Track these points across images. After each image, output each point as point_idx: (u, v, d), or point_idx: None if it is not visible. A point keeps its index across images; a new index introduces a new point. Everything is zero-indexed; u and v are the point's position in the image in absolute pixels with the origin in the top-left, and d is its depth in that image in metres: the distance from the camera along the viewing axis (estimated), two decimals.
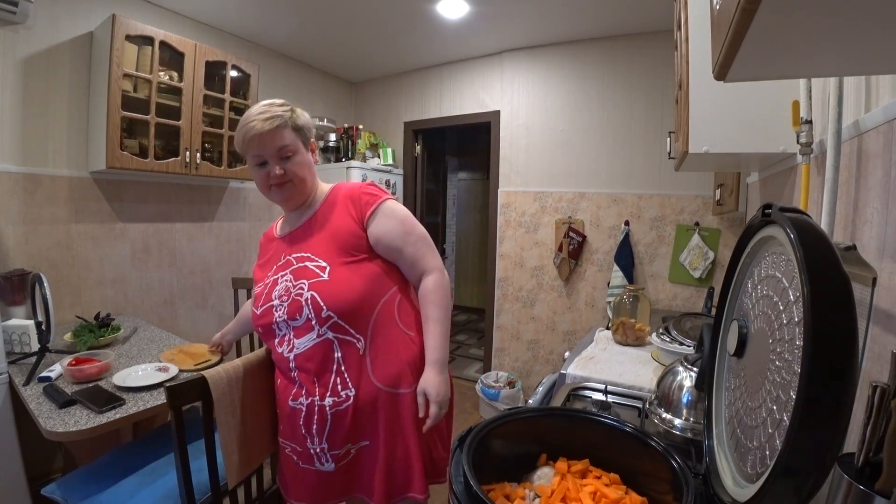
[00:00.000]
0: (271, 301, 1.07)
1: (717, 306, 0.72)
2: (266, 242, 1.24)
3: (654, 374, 1.46)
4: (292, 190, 1.11)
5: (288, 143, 1.08)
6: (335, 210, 1.13)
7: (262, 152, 1.07)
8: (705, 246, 2.74)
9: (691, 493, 0.45)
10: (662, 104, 2.85)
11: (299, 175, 1.10)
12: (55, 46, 2.22)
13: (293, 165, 1.09)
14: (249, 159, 1.10)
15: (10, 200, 2.11)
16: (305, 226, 1.14)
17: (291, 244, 1.13)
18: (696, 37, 1.23)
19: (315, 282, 1.04)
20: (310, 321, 1.03)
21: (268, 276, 1.12)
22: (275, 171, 1.07)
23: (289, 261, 1.10)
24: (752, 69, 0.53)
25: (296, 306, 1.04)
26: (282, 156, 1.08)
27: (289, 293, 1.05)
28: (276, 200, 1.13)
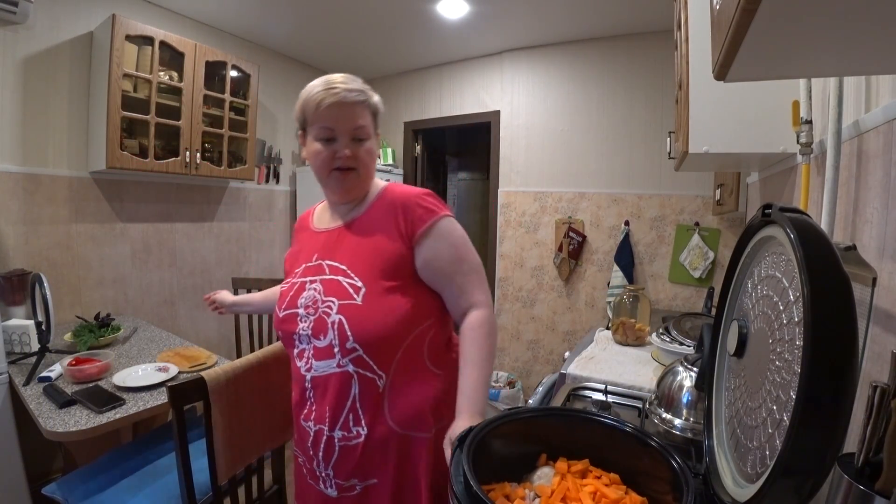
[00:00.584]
0: (296, 308, 0.94)
1: (717, 306, 0.72)
2: (300, 230, 1.11)
3: (654, 374, 1.46)
4: (355, 180, 0.96)
5: (366, 125, 0.94)
6: (385, 218, 0.97)
7: (336, 126, 0.92)
8: (705, 246, 2.74)
9: (691, 493, 0.45)
10: (662, 104, 2.85)
11: (366, 164, 0.96)
12: (55, 46, 2.22)
13: (364, 152, 0.95)
14: (315, 131, 0.94)
15: (10, 200, 2.11)
16: (349, 227, 0.99)
17: (328, 246, 0.98)
18: (696, 37, 1.23)
19: (346, 304, 0.89)
20: (332, 347, 0.89)
21: (295, 273, 1.00)
22: (344, 151, 0.92)
23: (321, 266, 0.96)
24: (752, 69, 0.53)
25: (321, 325, 0.90)
26: (356, 136, 0.94)
27: (315, 306, 0.92)
28: (331, 187, 0.98)
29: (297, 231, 1.12)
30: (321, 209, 1.09)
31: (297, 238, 1.09)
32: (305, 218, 1.11)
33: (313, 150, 0.94)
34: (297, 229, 1.12)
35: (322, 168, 0.95)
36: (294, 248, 1.08)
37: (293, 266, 1.02)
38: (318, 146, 0.93)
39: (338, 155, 0.93)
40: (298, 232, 1.11)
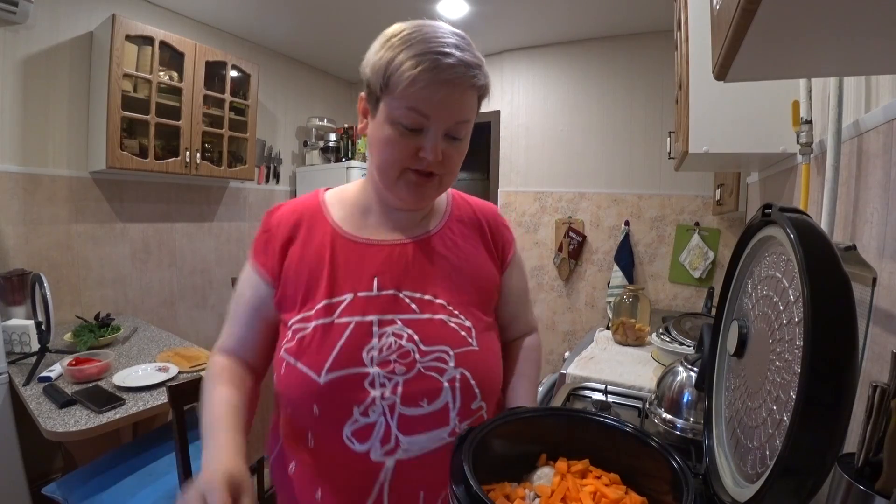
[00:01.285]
0: (362, 366, 0.61)
1: (717, 306, 0.72)
2: (306, 230, 0.72)
3: (654, 374, 1.46)
4: (435, 190, 0.69)
5: (470, 119, 0.67)
6: (472, 237, 0.77)
7: (433, 115, 0.62)
8: (705, 246, 2.74)
9: (691, 493, 0.45)
10: (662, 104, 2.85)
11: (453, 171, 0.69)
12: (55, 46, 2.22)
13: (457, 153, 0.68)
14: (397, 110, 0.62)
15: (10, 200, 2.11)
16: (427, 243, 0.72)
17: (398, 268, 0.69)
18: (696, 37, 1.23)
19: (464, 352, 0.66)
20: (447, 412, 0.63)
21: (331, 306, 0.65)
22: (432, 151, 0.63)
23: (397, 299, 0.66)
24: (752, 69, 0.53)
25: (427, 386, 0.63)
26: (454, 133, 0.65)
27: (410, 360, 0.63)
28: (397, 192, 0.68)
29: (292, 230, 0.72)
30: (349, 209, 0.74)
31: (304, 245, 0.70)
32: (320, 211, 0.73)
33: (384, 135, 0.63)
34: (293, 227, 0.72)
35: (392, 164, 0.65)
36: (298, 260, 0.69)
37: (312, 292, 0.66)
38: (394, 133, 0.63)
39: (422, 154, 0.64)
40: (322, 240, 0.71)
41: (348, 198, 0.76)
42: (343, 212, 0.74)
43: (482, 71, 0.67)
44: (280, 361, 0.65)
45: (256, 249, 0.71)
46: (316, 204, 0.75)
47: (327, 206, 0.74)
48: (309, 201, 0.75)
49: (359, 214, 0.73)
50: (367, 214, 0.74)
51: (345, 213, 0.73)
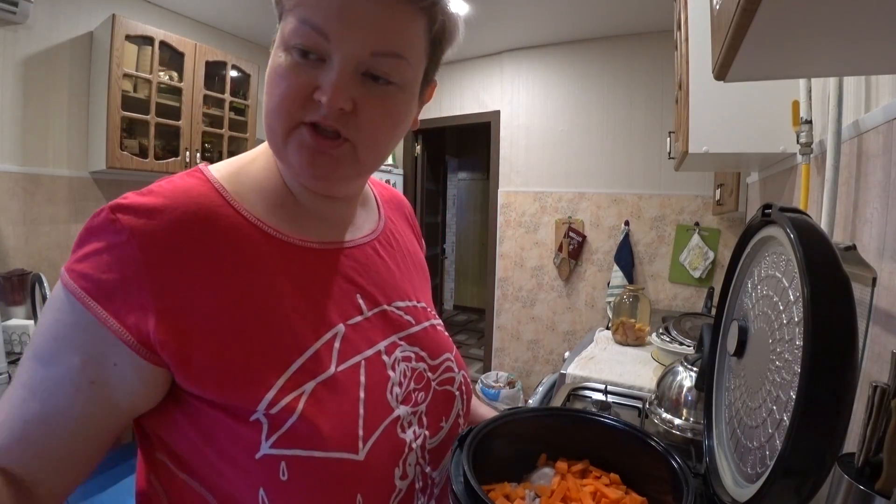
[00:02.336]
0: (390, 411, 0.47)
1: (717, 306, 0.72)
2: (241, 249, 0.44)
3: (654, 374, 1.46)
4: (349, 163, 0.45)
5: (403, 51, 0.43)
6: (406, 229, 0.66)
7: (339, 32, 0.40)
8: (705, 246, 2.74)
9: (691, 493, 0.45)
10: (662, 104, 2.85)
11: (376, 134, 0.45)
12: (55, 46, 2.22)
13: (382, 105, 0.44)
14: (290, 29, 0.42)
15: (10, 200, 2.11)
16: (382, 240, 0.58)
17: (369, 275, 0.53)
18: (696, 37, 1.23)
19: (457, 352, 0.60)
20: (458, 420, 0.56)
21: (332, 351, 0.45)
22: (338, 89, 0.40)
23: (388, 316, 0.52)
24: (752, 69, 0.53)
25: (445, 404, 0.54)
26: (374, 70, 0.42)
27: (424, 383, 0.52)
28: (290, 163, 0.45)
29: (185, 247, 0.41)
30: (267, 197, 0.48)
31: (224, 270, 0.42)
32: (218, 209, 0.44)
33: (273, 65, 0.43)
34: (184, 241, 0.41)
35: (277, 112, 0.42)
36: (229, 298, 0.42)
37: (280, 341, 0.43)
38: (283, 62, 0.42)
39: (318, 94, 0.41)
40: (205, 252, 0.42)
41: (257, 179, 0.48)
42: (264, 204, 0.47)
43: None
44: (268, 466, 0.39)
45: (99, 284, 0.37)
46: (210, 194, 0.44)
47: (231, 195, 0.45)
48: (195, 191, 0.43)
49: (282, 205, 0.48)
50: (293, 204, 0.49)
51: (267, 207, 0.47)
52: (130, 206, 0.40)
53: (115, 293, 0.38)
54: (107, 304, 0.38)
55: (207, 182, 0.45)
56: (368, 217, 0.59)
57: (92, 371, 0.39)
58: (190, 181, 0.45)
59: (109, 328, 0.38)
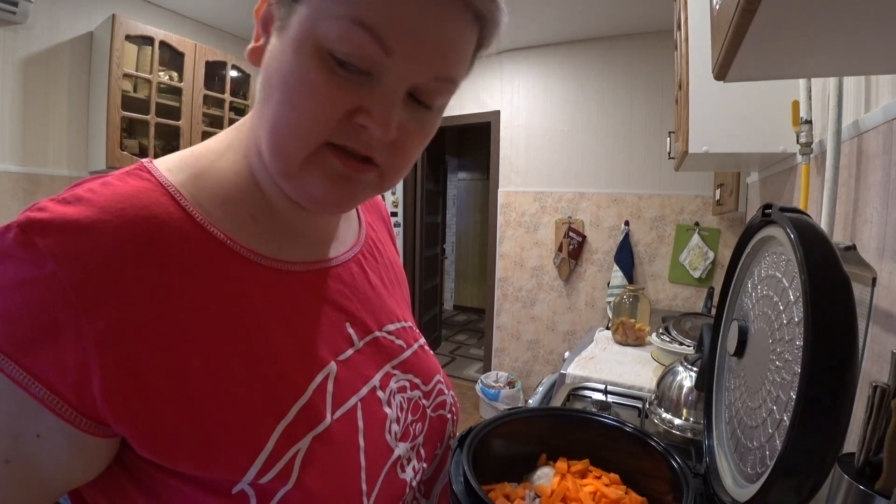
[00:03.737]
0: (390, 453, 0.41)
1: (717, 306, 0.72)
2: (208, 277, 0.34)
3: (654, 374, 1.46)
4: (373, 189, 0.39)
5: (461, 74, 0.38)
6: (384, 234, 0.59)
7: (405, 47, 0.32)
8: (705, 246, 2.74)
9: (691, 493, 0.45)
10: (662, 104, 2.85)
11: (407, 162, 0.39)
12: (55, 46, 2.22)
13: (422, 133, 0.39)
14: (334, 29, 0.31)
15: (10, 200, 2.11)
16: (365, 256, 0.50)
17: (357, 298, 0.46)
18: (696, 37, 1.23)
19: (444, 372, 0.56)
20: (449, 447, 0.52)
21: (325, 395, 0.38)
22: (390, 117, 0.33)
23: (379, 343, 0.46)
24: (752, 69, 0.53)
25: (440, 431, 0.50)
26: (426, 96, 0.36)
27: (420, 413, 0.47)
28: (305, 189, 0.36)
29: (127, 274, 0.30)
30: (234, 207, 0.38)
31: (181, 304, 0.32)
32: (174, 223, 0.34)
33: (294, 67, 0.33)
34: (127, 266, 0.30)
35: (302, 132, 0.34)
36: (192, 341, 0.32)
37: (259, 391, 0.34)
38: (315, 66, 0.32)
39: (361, 119, 0.33)
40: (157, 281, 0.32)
41: (222, 183, 0.38)
42: (231, 216, 0.38)
43: None
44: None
45: (17, 340, 0.29)
46: (163, 203, 0.34)
47: (191, 203, 0.35)
48: (142, 199, 0.33)
49: (255, 216, 0.39)
50: (269, 215, 0.40)
51: (235, 220, 0.38)
52: (51, 222, 0.29)
53: (37, 346, 0.28)
54: (26, 361, 0.28)
55: (158, 186, 0.34)
56: (349, 226, 0.50)
57: (5, 448, 0.30)
58: (134, 184, 0.33)
59: (32, 394, 0.28)
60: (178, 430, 0.31)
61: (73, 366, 0.29)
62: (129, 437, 0.30)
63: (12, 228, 0.29)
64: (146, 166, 0.36)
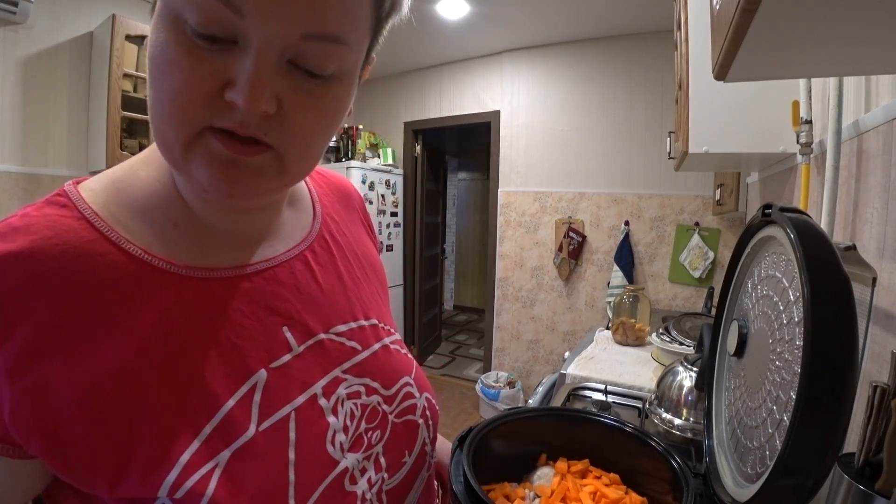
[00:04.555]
0: (333, 466, 0.38)
1: (717, 306, 0.72)
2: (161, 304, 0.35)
3: (654, 374, 1.46)
4: (269, 175, 0.34)
5: (344, 33, 0.32)
6: (353, 221, 0.56)
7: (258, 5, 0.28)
8: (705, 246, 2.74)
9: (691, 493, 0.45)
10: (662, 104, 2.85)
11: (308, 139, 0.35)
12: (55, 46, 2.22)
13: (317, 106, 0.33)
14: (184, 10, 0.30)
15: (10, 200, 2.11)
16: (314, 251, 0.46)
17: (295, 301, 0.42)
18: (696, 37, 1.23)
19: (416, 372, 0.51)
20: (425, 450, 0.49)
21: (251, 406, 0.36)
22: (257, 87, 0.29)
23: (325, 346, 0.43)
24: (752, 69, 0.53)
25: (407, 437, 0.46)
26: (304, 61, 0.31)
27: (379, 419, 0.44)
28: (194, 179, 0.34)
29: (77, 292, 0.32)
30: (154, 218, 0.37)
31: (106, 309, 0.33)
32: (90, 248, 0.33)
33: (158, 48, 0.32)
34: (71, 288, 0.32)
35: (175, 117, 0.31)
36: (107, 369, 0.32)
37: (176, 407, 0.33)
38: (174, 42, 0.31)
39: (230, 93, 0.30)
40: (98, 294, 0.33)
41: (140, 196, 0.38)
42: (151, 227, 0.37)
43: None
44: None
45: None
46: (77, 228, 0.34)
47: (107, 223, 0.35)
48: (57, 227, 0.33)
49: (177, 224, 0.38)
50: (190, 222, 0.39)
51: (156, 231, 0.37)
52: None
53: None
54: None
55: (74, 210, 0.35)
56: (298, 221, 0.47)
57: None
58: (50, 213, 0.34)
59: None
60: (88, 452, 0.31)
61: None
62: (42, 459, 0.31)
63: None
64: (66, 191, 0.36)
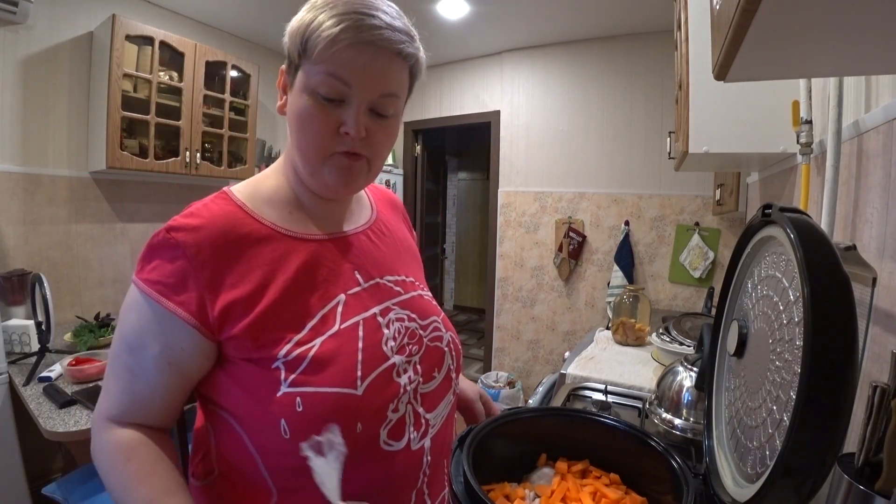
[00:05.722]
0: (386, 359, 0.58)
1: (717, 306, 0.72)
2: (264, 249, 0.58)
3: (654, 374, 1.46)
4: (366, 175, 0.61)
5: (399, 93, 0.59)
6: (398, 223, 0.79)
7: (355, 83, 0.54)
8: (705, 246, 2.74)
9: (691, 493, 0.45)
10: (662, 104, 2.85)
11: (382, 152, 0.61)
12: (55, 46, 2.22)
13: (384, 133, 0.59)
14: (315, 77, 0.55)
15: (10, 200, 2.11)
16: (371, 232, 0.70)
17: (359, 257, 0.65)
18: (696, 37, 1.23)
19: (444, 316, 0.71)
20: (450, 374, 0.67)
21: (336, 314, 0.58)
22: (359, 125, 0.55)
23: (381, 287, 0.64)
24: (752, 69, 0.53)
25: (436, 357, 0.65)
26: (379, 109, 0.57)
27: (417, 338, 0.63)
28: (324, 181, 0.59)
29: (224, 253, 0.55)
30: (280, 207, 0.62)
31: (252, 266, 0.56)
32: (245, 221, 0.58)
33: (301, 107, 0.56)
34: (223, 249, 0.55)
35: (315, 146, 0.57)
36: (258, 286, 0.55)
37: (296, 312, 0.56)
38: (311, 104, 0.55)
39: (344, 129, 0.55)
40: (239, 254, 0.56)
41: (269, 194, 0.63)
42: (276, 212, 0.61)
43: (413, 41, 0.58)
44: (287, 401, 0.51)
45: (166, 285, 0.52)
46: (237, 210, 0.58)
47: (251, 209, 0.59)
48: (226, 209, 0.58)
49: (291, 211, 0.63)
50: (300, 209, 0.64)
51: (279, 213, 0.61)
52: (180, 226, 0.54)
53: (178, 290, 0.52)
54: (175, 299, 0.52)
55: (232, 202, 0.59)
56: (362, 212, 0.72)
57: (169, 355, 0.53)
58: (219, 203, 0.59)
59: (179, 316, 0.52)
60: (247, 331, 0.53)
61: (195, 300, 0.52)
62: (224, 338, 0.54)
63: (162, 231, 0.53)
64: (225, 191, 0.61)
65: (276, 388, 0.52)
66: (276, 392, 0.52)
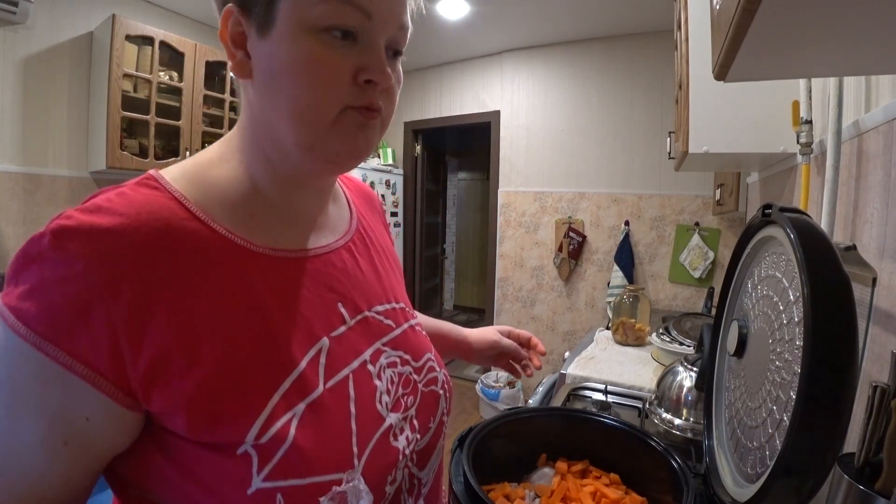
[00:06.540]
0: (381, 421, 0.45)
1: (717, 306, 0.72)
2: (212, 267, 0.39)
3: (654, 374, 1.46)
4: (376, 136, 0.45)
5: (408, 22, 0.45)
6: (375, 219, 0.63)
7: (378, 8, 0.40)
8: (705, 246, 2.74)
9: (691, 493, 0.45)
10: (662, 104, 2.85)
11: (395, 103, 0.47)
12: (55, 46, 2.22)
13: (398, 76, 0.46)
14: (322, 10, 0.38)
15: (10, 200, 2.11)
16: (356, 243, 0.54)
17: (347, 283, 0.49)
18: (696, 37, 1.23)
19: (435, 351, 0.59)
20: (443, 419, 0.55)
21: (318, 367, 0.43)
22: (386, 70, 0.42)
23: (370, 322, 0.50)
24: (752, 69, 0.53)
25: (431, 405, 0.53)
26: (396, 44, 0.44)
27: (411, 386, 0.51)
28: (331, 149, 0.42)
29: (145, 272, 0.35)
30: (232, 206, 0.43)
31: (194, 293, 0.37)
32: (183, 225, 0.38)
33: (300, 54, 0.39)
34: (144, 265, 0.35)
35: (326, 102, 0.40)
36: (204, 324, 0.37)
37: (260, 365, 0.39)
38: (317, 46, 0.39)
39: (365, 75, 0.41)
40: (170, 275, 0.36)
41: (221, 185, 0.43)
42: (231, 213, 0.42)
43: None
44: (262, 499, 0.36)
45: (53, 324, 0.32)
46: (172, 207, 0.38)
47: (194, 205, 0.40)
48: (154, 205, 0.37)
49: (253, 213, 0.44)
50: (265, 209, 0.45)
51: (235, 216, 0.43)
52: (79, 229, 0.33)
53: (75, 332, 0.32)
54: (68, 346, 0.32)
55: (166, 192, 0.39)
56: (340, 216, 0.55)
57: (65, 432, 0.34)
58: (145, 192, 0.38)
59: (77, 374, 0.33)
60: (194, 400, 0.35)
61: (106, 347, 0.33)
62: (155, 409, 0.36)
63: (46, 235, 0.33)
64: (153, 176, 0.41)
65: (246, 483, 0.36)
66: (246, 489, 0.36)
